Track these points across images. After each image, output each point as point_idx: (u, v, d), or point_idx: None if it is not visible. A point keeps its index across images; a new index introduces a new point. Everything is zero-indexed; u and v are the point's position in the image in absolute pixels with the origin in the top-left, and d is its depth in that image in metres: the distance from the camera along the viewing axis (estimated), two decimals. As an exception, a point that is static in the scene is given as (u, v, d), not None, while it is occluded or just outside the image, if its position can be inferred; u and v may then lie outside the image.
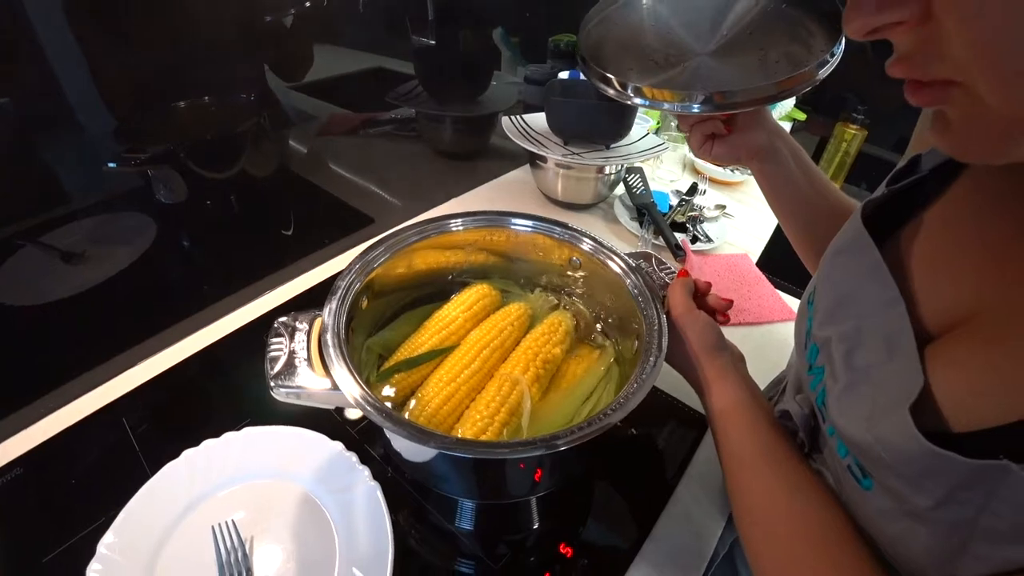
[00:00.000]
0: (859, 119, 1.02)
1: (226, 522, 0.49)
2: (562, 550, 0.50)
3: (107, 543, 0.47)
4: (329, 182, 1.01)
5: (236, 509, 0.51)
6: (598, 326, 0.60)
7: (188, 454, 0.54)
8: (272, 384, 0.41)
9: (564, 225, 0.58)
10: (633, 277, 0.53)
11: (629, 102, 0.49)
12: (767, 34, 0.47)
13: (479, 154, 1.13)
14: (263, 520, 0.50)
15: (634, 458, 0.59)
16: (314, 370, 0.42)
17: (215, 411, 0.62)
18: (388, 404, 0.42)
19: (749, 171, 1.08)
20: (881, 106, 1.03)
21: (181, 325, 0.75)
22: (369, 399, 0.39)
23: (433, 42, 1.24)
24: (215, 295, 0.80)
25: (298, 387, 0.41)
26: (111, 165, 0.78)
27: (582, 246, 0.57)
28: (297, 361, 0.43)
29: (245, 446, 0.55)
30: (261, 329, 0.74)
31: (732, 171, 1.06)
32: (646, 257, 0.56)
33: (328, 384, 0.41)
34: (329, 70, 1.10)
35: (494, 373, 0.52)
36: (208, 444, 0.55)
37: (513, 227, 0.60)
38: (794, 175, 0.55)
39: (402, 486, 0.54)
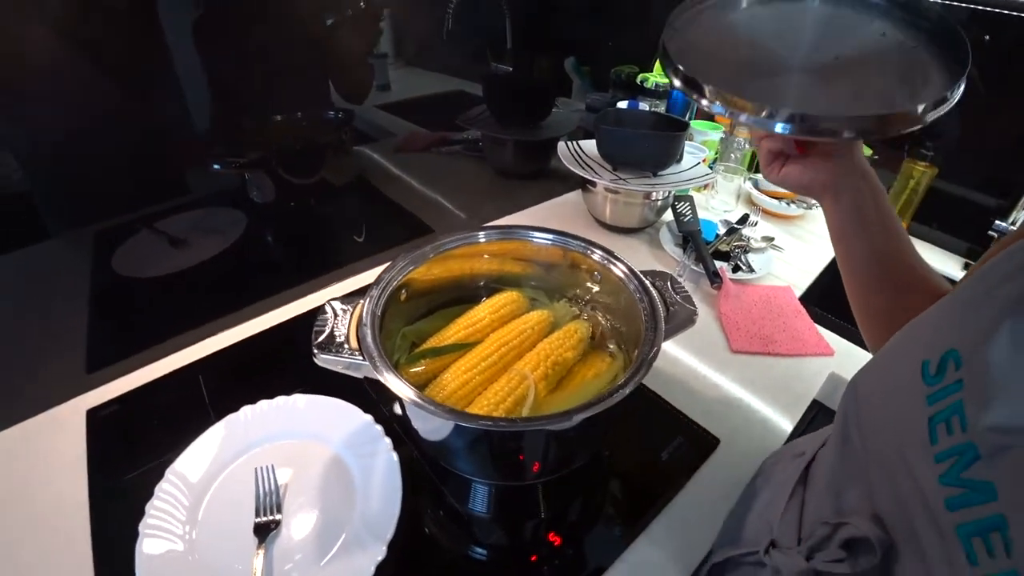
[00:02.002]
0: (928, 155, 0.98)
1: (267, 466, 0.57)
2: (551, 538, 0.53)
3: (173, 470, 0.57)
4: (397, 193, 1.11)
5: (277, 459, 0.59)
6: (612, 337, 0.63)
7: (245, 410, 0.63)
8: (314, 351, 0.49)
9: (578, 238, 0.63)
10: (636, 283, 0.56)
11: (703, 104, 0.44)
12: (874, 69, 0.44)
13: (539, 175, 1.20)
14: (297, 472, 0.58)
15: (637, 465, 0.62)
16: (349, 344, 0.50)
17: (273, 379, 0.71)
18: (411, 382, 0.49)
19: (807, 205, 1.07)
20: (957, 144, 0.99)
21: (257, 305, 0.86)
22: (386, 366, 0.46)
23: (511, 68, 1.34)
24: (289, 283, 0.91)
25: (334, 356, 0.49)
26: (216, 167, 0.93)
27: (593, 256, 0.61)
28: (337, 335, 0.50)
29: (292, 409, 0.64)
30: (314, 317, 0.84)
31: (789, 204, 1.05)
32: (662, 276, 0.59)
33: (359, 357, 0.48)
34: (413, 91, 1.22)
35: (509, 368, 0.57)
36: (262, 404, 0.64)
37: (533, 240, 0.65)
38: (870, 223, 0.47)
39: (418, 462, 0.60)
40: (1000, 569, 0.25)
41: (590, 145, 1.02)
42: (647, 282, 0.57)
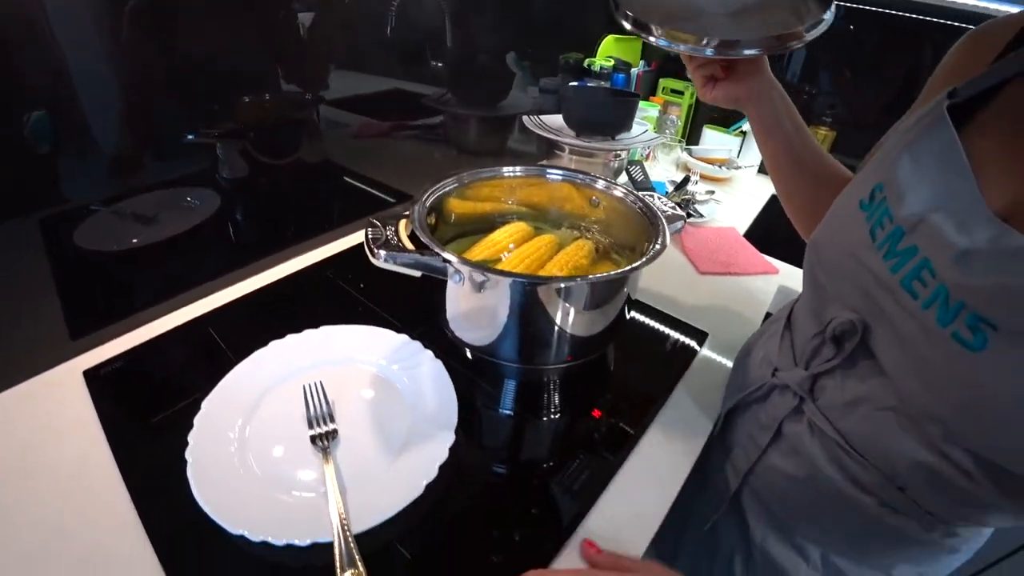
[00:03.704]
0: (828, 121, 1.19)
1: (315, 382, 0.58)
2: (594, 414, 0.60)
3: (210, 401, 0.56)
4: (368, 171, 1.14)
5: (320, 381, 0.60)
6: (612, 250, 0.73)
7: (274, 343, 0.64)
8: (373, 251, 0.52)
9: (585, 173, 0.73)
10: (634, 196, 0.67)
11: (651, 40, 0.57)
12: (772, 7, 0.58)
13: (498, 153, 1.28)
14: (343, 392, 0.60)
15: (650, 354, 0.71)
16: (404, 246, 0.54)
17: (291, 319, 0.70)
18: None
19: (736, 167, 1.25)
20: (850, 117, 1.20)
21: (248, 267, 0.86)
22: (451, 253, 0.51)
23: (452, 65, 1.41)
24: (277, 246, 0.91)
25: (393, 254, 0.52)
26: (190, 137, 0.91)
27: (597, 186, 0.71)
28: (391, 239, 0.54)
29: (323, 339, 0.65)
30: (318, 271, 0.86)
31: (719, 167, 1.22)
32: (649, 194, 0.69)
33: (416, 253, 0.53)
34: (352, 90, 1.26)
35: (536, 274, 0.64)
36: (291, 337, 0.65)
37: (548, 176, 0.74)
38: (784, 122, 0.61)
39: (460, 372, 0.64)
40: (931, 290, 0.37)
41: (550, 119, 1.12)
42: (643, 196, 0.67)
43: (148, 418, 0.58)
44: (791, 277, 0.91)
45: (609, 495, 0.53)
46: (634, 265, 0.53)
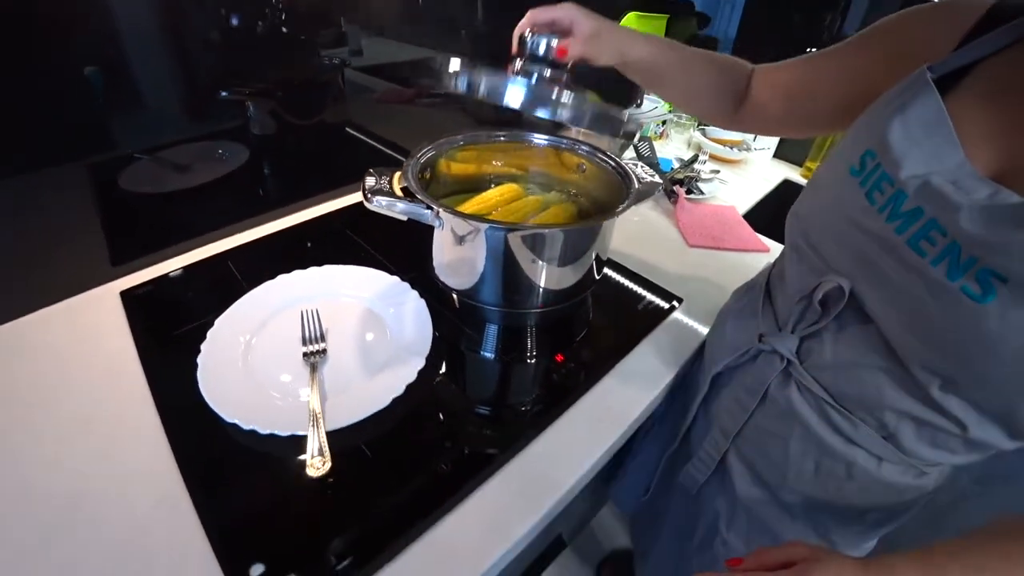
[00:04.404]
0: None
1: (312, 308, 0.66)
2: (557, 359, 0.66)
3: (222, 320, 0.65)
4: (388, 134, 1.21)
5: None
6: (594, 215, 0.77)
7: (282, 276, 0.72)
8: (367, 196, 0.59)
9: (568, 138, 0.77)
10: (613, 163, 0.73)
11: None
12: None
13: (515, 124, 1.32)
14: (336, 320, 0.68)
15: (623, 312, 0.76)
16: (395, 192, 0.60)
17: (299, 258, 0.78)
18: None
19: (746, 148, 1.26)
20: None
21: (269, 213, 0.94)
22: (435, 201, 0.57)
23: (479, 36, 1.44)
24: (296, 197, 1.00)
25: (384, 199, 0.59)
26: (224, 94, 0.99)
27: (580, 150, 0.76)
28: (384, 187, 0.61)
29: (324, 276, 0.73)
30: (329, 220, 0.94)
31: (731, 148, 1.23)
32: (633, 163, 0.73)
33: (405, 200, 0.59)
34: (384, 58, 1.32)
35: (518, 229, 0.69)
36: (297, 272, 0.73)
37: (534, 140, 0.79)
38: (657, 63, 0.60)
39: (444, 315, 0.70)
40: (941, 248, 0.38)
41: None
42: (622, 162, 0.71)
43: (171, 331, 0.68)
44: (781, 256, 0.93)
45: (556, 428, 0.59)
46: (597, 220, 0.57)
